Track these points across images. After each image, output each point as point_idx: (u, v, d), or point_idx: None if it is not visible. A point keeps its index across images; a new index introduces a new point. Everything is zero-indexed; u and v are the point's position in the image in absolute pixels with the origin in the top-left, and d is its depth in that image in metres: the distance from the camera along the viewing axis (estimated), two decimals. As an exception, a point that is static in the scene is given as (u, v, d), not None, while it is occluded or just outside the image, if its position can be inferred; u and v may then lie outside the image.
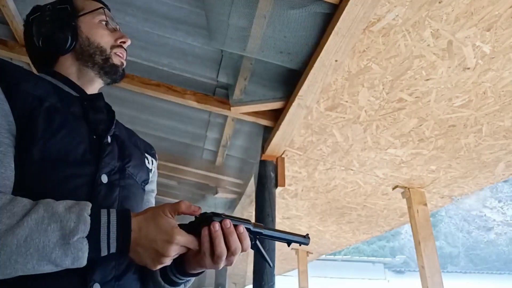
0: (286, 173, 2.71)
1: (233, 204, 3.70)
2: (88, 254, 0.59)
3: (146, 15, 1.86)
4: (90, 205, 0.62)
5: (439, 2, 1.40)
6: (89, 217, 0.60)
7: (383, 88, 1.87)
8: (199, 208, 0.67)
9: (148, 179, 0.96)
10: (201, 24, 1.85)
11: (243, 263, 5.78)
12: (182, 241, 0.64)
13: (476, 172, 2.50)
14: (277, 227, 2.67)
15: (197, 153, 3.09)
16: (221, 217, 0.66)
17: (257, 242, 0.68)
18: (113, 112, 0.90)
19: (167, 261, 0.64)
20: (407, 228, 3.05)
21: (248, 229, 0.66)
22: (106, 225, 0.61)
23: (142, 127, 2.81)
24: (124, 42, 0.89)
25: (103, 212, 0.63)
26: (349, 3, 1.36)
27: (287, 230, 0.74)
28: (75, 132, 0.74)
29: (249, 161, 2.97)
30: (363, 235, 4.19)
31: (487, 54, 1.60)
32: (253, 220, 0.77)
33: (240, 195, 3.39)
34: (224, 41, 1.83)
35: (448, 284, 2.67)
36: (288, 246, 0.73)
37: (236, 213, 3.70)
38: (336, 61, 1.66)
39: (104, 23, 0.88)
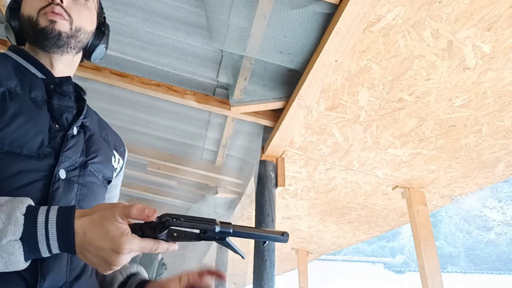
0: (286, 173, 2.71)
1: (233, 204, 3.70)
2: (26, 256, 0.52)
3: (146, 15, 1.86)
4: (27, 202, 0.55)
5: (439, 2, 1.40)
6: (22, 216, 0.53)
7: (383, 88, 1.87)
8: (154, 211, 0.59)
9: (112, 178, 0.87)
10: (201, 24, 1.85)
11: (243, 263, 5.78)
12: (134, 248, 0.56)
13: (476, 172, 2.50)
14: (277, 227, 2.67)
15: (197, 153, 3.09)
16: (175, 218, 0.61)
17: (227, 240, 0.65)
18: (84, 100, 0.83)
19: (118, 268, 0.58)
20: (407, 228, 3.05)
21: (212, 231, 0.63)
22: (43, 225, 0.54)
23: (142, 127, 2.81)
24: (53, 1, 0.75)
25: (41, 210, 0.55)
26: (349, 3, 1.36)
27: (268, 228, 0.71)
28: (33, 121, 0.67)
29: (249, 161, 2.97)
30: (363, 235, 4.19)
31: (487, 54, 1.60)
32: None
33: (240, 195, 3.39)
34: (224, 41, 1.83)
35: (448, 284, 2.67)
36: (263, 244, 0.70)
37: (236, 213, 3.71)
38: (336, 61, 1.66)
39: None
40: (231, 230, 0.65)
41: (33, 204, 0.56)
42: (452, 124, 2.07)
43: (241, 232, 0.66)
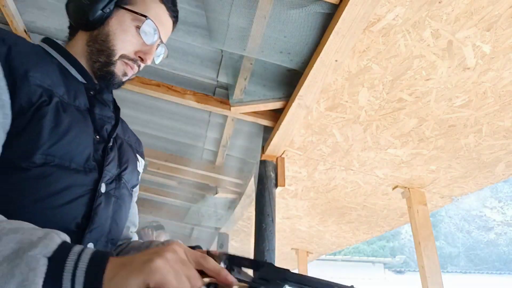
0: (286, 173, 2.71)
1: (233, 204, 3.70)
2: (44, 282, 0.40)
3: (146, 15, 1.85)
4: (64, 238, 0.47)
5: (439, 2, 1.40)
6: (59, 240, 0.45)
7: (383, 88, 1.87)
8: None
9: (138, 184, 0.86)
10: (201, 24, 1.85)
11: (243, 263, 5.77)
12: None
13: (476, 172, 2.50)
14: (277, 227, 2.67)
15: (197, 153, 3.09)
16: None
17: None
18: (119, 108, 0.80)
19: None
20: (407, 228, 3.05)
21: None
22: (72, 266, 0.42)
23: (142, 127, 2.81)
24: (141, 59, 0.75)
25: (73, 251, 0.44)
26: (349, 3, 1.36)
27: (326, 280, 0.51)
28: (83, 134, 0.65)
29: (249, 161, 2.97)
30: (363, 235, 4.19)
31: (487, 54, 1.60)
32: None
33: (240, 195, 3.39)
34: (224, 41, 1.82)
35: (448, 284, 2.67)
36: None
37: (236, 213, 3.71)
38: (336, 61, 1.66)
39: (138, 30, 0.74)
40: (291, 277, 0.51)
41: (68, 240, 0.48)
42: (452, 124, 2.07)
43: (300, 281, 0.51)
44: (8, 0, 1.81)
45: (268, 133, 2.43)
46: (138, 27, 0.73)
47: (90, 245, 0.63)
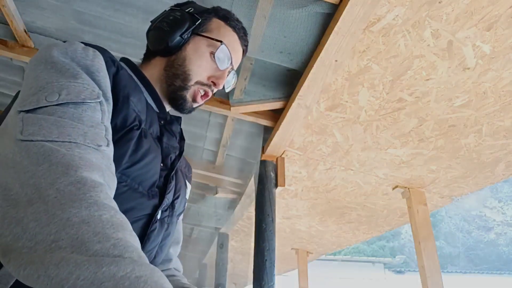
0: (286, 173, 2.71)
1: (233, 204, 3.70)
2: None
3: (146, 15, 1.85)
4: None
5: (439, 2, 1.40)
6: None
7: (383, 88, 1.87)
8: None
9: (184, 211, 0.85)
10: (201, 24, 1.85)
11: (244, 263, 5.79)
12: None
13: (476, 172, 2.50)
14: (277, 227, 2.67)
15: (197, 153, 3.09)
16: None
17: None
18: (184, 139, 0.82)
19: None
20: (407, 228, 3.04)
21: None
22: None
23: (142, 127, 2.81)
24: (214, 84, 0.78)
25: None
26: (349, 3, 1.36)
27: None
28: (156, 160, 0.67)
29: (249, 161, 2.97)
30: (363, 235, 4.19)
31: (487, 54, 1.60)
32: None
33: (240, 195, 3.39)
34: (224, 41, 1.82)
35: (448, 284, 2.67)
36: None
37: (236, 213, 3.71)
38: (336, 61, 1.66)
39: (212, 56, 0.77)
40: None
41: None
42: (452, 124, 2.07)
43: None
44: (8, 0, 1.81)
45: (268, 133, 2.43)
46: (212, 53, 0.77)
47: None
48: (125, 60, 0.78)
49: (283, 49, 1.78)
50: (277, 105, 2.15)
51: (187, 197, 0.85)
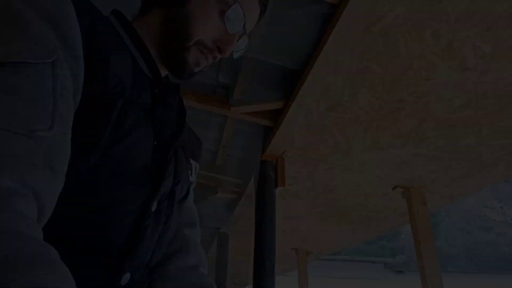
0: (286, 173, 2.70)
1: (233, 204, 3.70)
2: None
3: None
4: None
5: (439, 2, 1.40)
6: None
7: (383, 88, 1.87)
8: None
9: (187, 195, 0.71)
10: (201, 24, 1.85)
11: (244, 263, 5.79)
12: None
13: (476, 172, 2.50)
14: (277, 227, 2.68)
15: (197, 153, 3.09)
16: None
17: None
18: (185, 112, 0.68)
19: None
20: (407, 228, 3.05)
21: None
22: None
23: (142, 127, 2.81)
24: (220, 50, 0.63)
25: None
26: (349, 3, 1.36)
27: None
28: (143, 137, 0.54)
29: (249, 161, 2.97)
30: (363, 235, 4.19)
31: (487, 54, 1.60)
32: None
33: (240, 195, 3.39)
34: (224, 41, 1.82)
35: (448, 284, 2.67)
36: None
37: (236, 213, 3.71)
38: (336, 61, 1.66)
39: (222, 15, 0.61)
40: None
41: None
42: (452, 124, 2.07)
43: None
44: (8, 0, 1.81)
45: (268, 133, 2.43)
46: (223, 12, 0.61)
47: (127, 276, 0.53)
48: (116, 13, 0.64)
49: (283, 49, 1.78)
50: (277, 105, 2.15)
51: (191, 179, 0.72)
